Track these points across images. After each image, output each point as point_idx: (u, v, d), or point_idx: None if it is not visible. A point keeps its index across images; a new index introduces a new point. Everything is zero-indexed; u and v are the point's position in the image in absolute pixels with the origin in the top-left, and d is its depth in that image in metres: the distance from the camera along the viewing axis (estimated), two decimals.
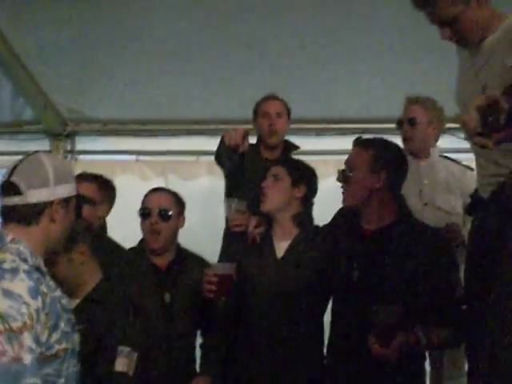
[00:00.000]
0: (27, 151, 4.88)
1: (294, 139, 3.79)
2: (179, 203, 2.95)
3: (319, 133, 4.71)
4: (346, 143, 4.30)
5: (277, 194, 2.78)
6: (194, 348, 2.91)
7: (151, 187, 3.08)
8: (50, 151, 4.90)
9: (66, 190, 1.92)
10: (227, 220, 3.11)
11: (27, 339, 1.64)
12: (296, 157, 3.31)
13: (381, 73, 4.12)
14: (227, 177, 3.45)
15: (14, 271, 1.73)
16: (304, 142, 4.33)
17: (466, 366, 3.17)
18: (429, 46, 3.77)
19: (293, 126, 4.17)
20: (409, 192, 2.85)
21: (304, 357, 2.66)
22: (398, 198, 2.61)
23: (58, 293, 1.86)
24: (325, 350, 2.70)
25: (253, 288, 2.70)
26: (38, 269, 1.80)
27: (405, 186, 2.65)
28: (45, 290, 1.75)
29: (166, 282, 2.83)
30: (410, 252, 2.45)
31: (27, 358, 1.64)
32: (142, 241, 2.93)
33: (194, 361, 2.90)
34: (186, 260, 2.94)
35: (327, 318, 2.73)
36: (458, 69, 2.42)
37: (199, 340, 2.95)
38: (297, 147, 3.60)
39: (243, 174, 3.31)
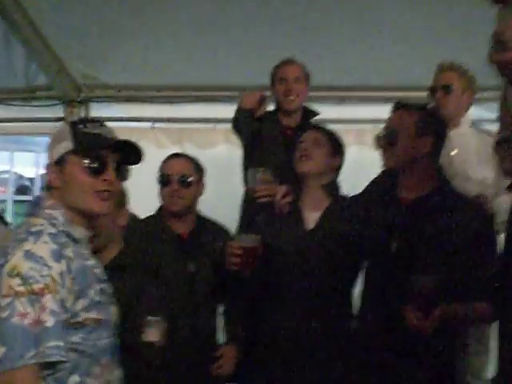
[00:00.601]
0: (40, 118, 4.91)
1: (316, 107, 3.68)
2: (199, 169, 2.89)
3: (341, 101, 4.56)
4: (369, 112, 4.22)
5: (319, 157, 2.68)
6: (216, 318, 2.85)
7: (167, 155, 2.99)
8: (63, 118, 4.80)
9: (58, 151, 1.84)
10: (248, 190, 3.00)
11: (49, 302, 1.62)
12: None
13: (406, 40, 3.96)
14: (245, 145, 3.34)
15: (38, 234, 1.71)
16: (325, 110, 4.23)
17: (491, 343, 3.16)
18: (457, 14, 3.69)
19: (314, 93, 4.06)
20: None
21: (333, 329, 2.58)
22: (438, 166, 2.53)
23: (92, 262, 1.83)
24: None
25: (280, 261, 2.59)
26: (68, 235, 1.77)
27: None
28: (71, 255, 1.72)
29: (188, 251, 2.76)
30: (450, 223, 2.37)
31: (50, 321, 1.61)
32: (160, 209, 2.86)
33: (216, 330, 2.84)
34: (208, 228, 2.88)
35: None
36: None
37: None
38: (316, 114, 3.50)
39: (261, 141, 3.21)
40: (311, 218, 2.65)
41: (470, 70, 3.27)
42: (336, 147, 2.77)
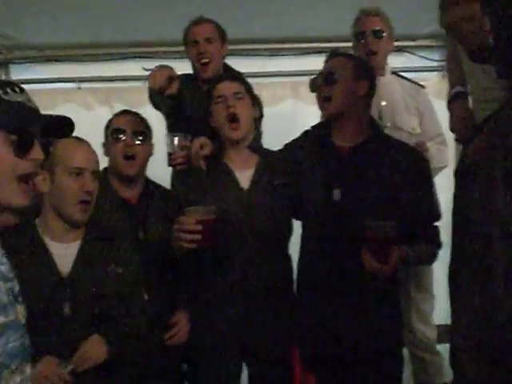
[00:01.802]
0: None
1: (248, 60, 3.58)
2: (149, 127, 2.73)
3: (274, 53, 4.46)
4: (303, 64, 4.14)
5: (246, 115, 2.53)
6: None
7: (96, 117, 2.84)
8: None
9: None
10: (169, 157, 2.77)
11: None
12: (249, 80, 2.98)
13: None
14: (166, 120, 3.12)
15: None
16: (258, 64, 4.14)
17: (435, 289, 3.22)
18: None
19: (247, 46, 3.93)
20: None
21: (277, 289, 2.52)
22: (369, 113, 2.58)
23: None
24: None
25: (222, 224, 2.44)
26: None
27: None
28: None
29: (138, 218, 2.59)
30: (391, 168, 2.41)
31: None
32: (104, 171, 2.65)
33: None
34: (155, 193, 2.72)
35: None
36: None
37: None
38: (238, 73, 3.16)
39: (183, 110, 2.92)
40: (244, 177, 2.54)
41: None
42: (254, 97, 2.64)
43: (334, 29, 3.42)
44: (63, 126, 1.68)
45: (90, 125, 2.85)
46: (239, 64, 3.33)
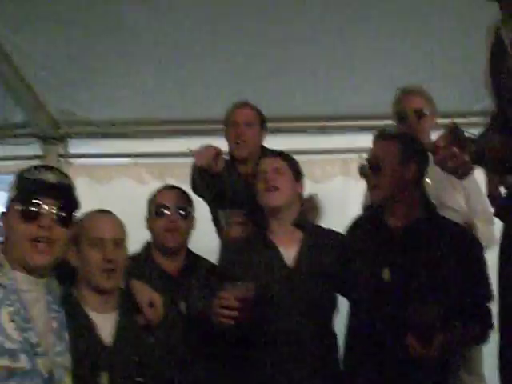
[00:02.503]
0: (18, 156, 4.82)
1: (298, 137, 3.64)
2: (192, 202, 2.84)
3: (323, 131, 4.50)
4: (353, 141, 4.20)
5: (286, 185, 2.59)
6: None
7: (150, 191, 2.92)
8: (42, 156, 4.74)
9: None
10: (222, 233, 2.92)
11: None
12: (298, 156, 2.98)
13: (388, 69, 3.96)
14: (206, 198, 3.16)
15: None
16: (308, 141, 4.20)
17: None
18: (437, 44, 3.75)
19: (297, 124, 4.01)
20: None
21: (323, 366, 2.50)
22: (423, 192, 2.57)
23: (14, 308, 1.81)
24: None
25: (266, 302, 2.46)
26: None
27: None
28: None
29: (179, 291, 2.64)
30: (443, 249, 2.40)
31: None
32: (148, 245, 2.76)
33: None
34: (197, 265, 2.78)
35: None
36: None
37: None
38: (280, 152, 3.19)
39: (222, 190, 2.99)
40: (289, 254, 2.56)
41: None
42: (297, 171, 2.69)
43: (384, 106, 3.45)
44: None
45: (144, 198, 2.90)
46: (290, 141, 3.43)
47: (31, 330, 1.79)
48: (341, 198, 4.07)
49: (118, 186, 4.27)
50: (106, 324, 2.19)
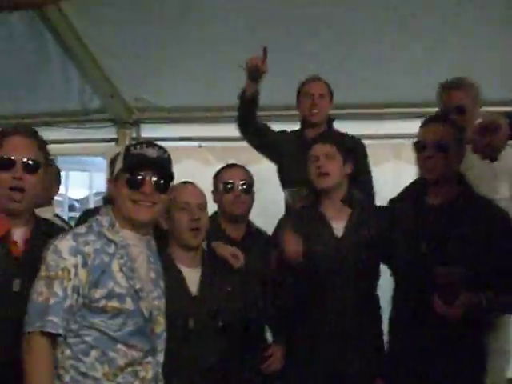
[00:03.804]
0: (94, 139, 5.17)
1: (354, 123, 3.87)
2: (252, 179, 3.17)
3: (379, 117, 4.73)
4: (404, 127, 4.35)
5: (335, 170, 2.87)
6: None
7: (214, 171, 3.24)
8: (116, 139, 5.12)
9: (115, 169, 2.30)
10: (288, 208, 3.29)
11: (56, 286, 2.04)
12: None
13: (441, 57, 4.10)
14: (260, 149, 3.68)
15: (67, 234, 2.17)
16: (363, 127, 4.39)
17: None
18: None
19: (353, 110, 4.23)
20: None
21: (366, 331, 2.79)
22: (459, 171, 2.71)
23: (122, 261, 2.15)
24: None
25: (316, 267, 2.79)
26: (105, 236, 2.15)
27: None
28: (91, 251, 2.08)
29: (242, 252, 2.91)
30: (474, 225, 2.53)
31: (52, 301, 2.03)
32: (215, 215, 3.09)
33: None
34: (256, 234, 3.14)
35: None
36: None
37: None
38: (333, 119, 3.67)
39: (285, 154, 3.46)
40: (338, 227, 2.85)
41: (475, 83, 3.30)
42: (346, 155, 2.93)
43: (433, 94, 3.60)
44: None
45: (209, 178, 3.22)
46: (345, 126, 3.68)
47: (136, 279, 2.17)
48: (392, 181, 4.25)
49: (186, 167, 4.52)
50: (193, 277, 2.58)
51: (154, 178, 2.20)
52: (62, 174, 2.26)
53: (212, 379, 2.50)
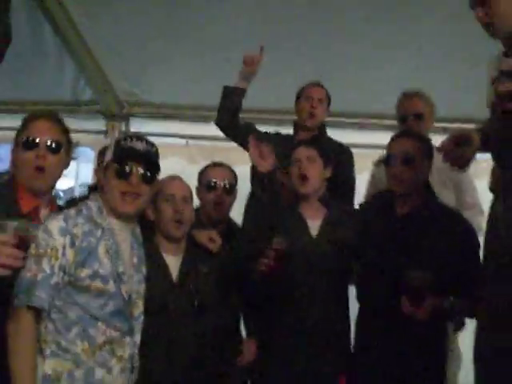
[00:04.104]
0: (84, 130, 5.23)
1: (336, 132, 3.98)
2: (236, 178, 3.22)
3: (361, 127, 4.88)
4: (385, 138, 4.46)
5: (315, 175, 2.99)
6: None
7: (199, 169, 3.31)
8: (106, 131, 5.21)
9: (106, 159, 2.43)
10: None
11: (44, 263, 2.15)
12: None
13: (424, 70, 4.21)
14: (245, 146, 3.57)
15: (58, 214, 2.28)
16: (345, 135, 4.50)
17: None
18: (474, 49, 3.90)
19: (336, 119, 4.35)
20: None
21: (334, 329, 2.89)
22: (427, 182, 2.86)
23: (109, 243, 2.28)
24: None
25: (291, 264, 2.83)
26: (93, 221, 2.27)
27: None
28: (79, 233, 2.20)
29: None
30: (439, 233, 2.68)
31: (39, 277, 2.14)
32: (196, 211, 3.04)
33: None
34: (236, 229, 3.18)
35: None
36: None
37: None
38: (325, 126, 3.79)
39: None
40: (313, 225, 2.98)
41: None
42: (326, 159, 3.06)
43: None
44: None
45: (193, 176, 3.27)
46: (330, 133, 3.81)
47: (119, 262, 2.29)
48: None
49: (171, 165, 4.57)
50: (175, 264, 2.68)
51: (141, 170, 2.34)
52: None
53: (189, 364, 2.60)
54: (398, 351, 2.66)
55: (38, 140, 2.41)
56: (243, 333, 3.17)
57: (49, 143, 2.42)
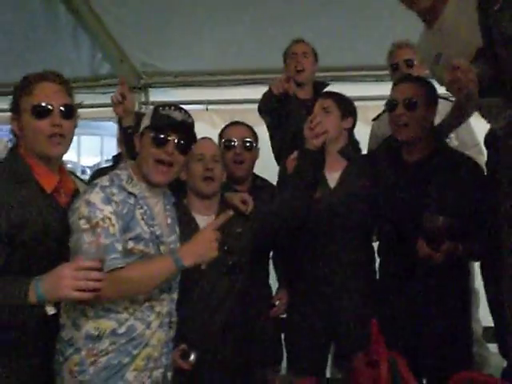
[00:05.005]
0: (104, 103, 5.33)
1: (353, 86, 4.00)
2: (256, 135, 3.20)
3: (361, 79, 4.86)
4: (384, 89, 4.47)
5: (332, 125, 2.90)
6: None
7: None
8: None
9: (142, 126, 2.42)
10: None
11: (102, 232, 2.16)
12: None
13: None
14: (268, 127, 3.73)
15: (93, 187, 2.26)
16: (362, 88, 4.52)
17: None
18: None
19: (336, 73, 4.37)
20: None
21: (358, 275, 2.93)
22: (434, 128, 2.83)
23: (142, 210, 2.32)
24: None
25: (310, 216, 2.85)
26: (124, 189, 2.30)
27: None
28: (118, 201, 2.24)
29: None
30: (450, 178, 2.66)
31: (106, 241, 2.16)
32: None
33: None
34: (262, 186, 3.19)
35: None
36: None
37: None
38: (326, 84, 3.81)
39: (284, 120, 3.56)
40: (332, 177, 2.97)
41: None
42: (345, 110, 3.02)
43: None
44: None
45: (216, 140, 3.17)
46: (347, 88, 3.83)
47: (156, 226, 2.35)
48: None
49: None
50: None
51: (177, 139, 2.34)
52: (74, 139, 2.33)
53: (225, 322, 2.69)
54: (423, 292, 2.69)
55: (50, 106, 2.25)
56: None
57: (63, 109, 2.27)
